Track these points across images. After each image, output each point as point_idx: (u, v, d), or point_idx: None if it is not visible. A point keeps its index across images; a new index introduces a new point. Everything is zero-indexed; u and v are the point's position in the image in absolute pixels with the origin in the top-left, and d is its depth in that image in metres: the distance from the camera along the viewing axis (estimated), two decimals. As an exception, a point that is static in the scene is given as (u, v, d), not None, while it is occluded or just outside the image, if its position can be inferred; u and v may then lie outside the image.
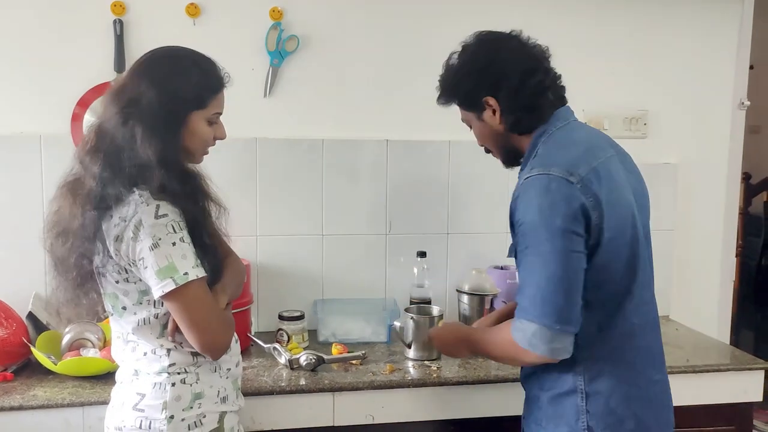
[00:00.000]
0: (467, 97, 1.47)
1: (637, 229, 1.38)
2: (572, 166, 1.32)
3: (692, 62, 2.49)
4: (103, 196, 1.30)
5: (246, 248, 2.11)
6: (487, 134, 1.50)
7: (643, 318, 1.40)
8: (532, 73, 1.41)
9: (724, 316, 2.61)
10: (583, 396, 1.37)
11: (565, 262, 1.29)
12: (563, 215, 1.28)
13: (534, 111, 1.42)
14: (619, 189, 1.36)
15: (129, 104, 1.30)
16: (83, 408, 1.65)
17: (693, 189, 2.52)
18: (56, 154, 2.04)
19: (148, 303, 1.35)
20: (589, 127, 1.52)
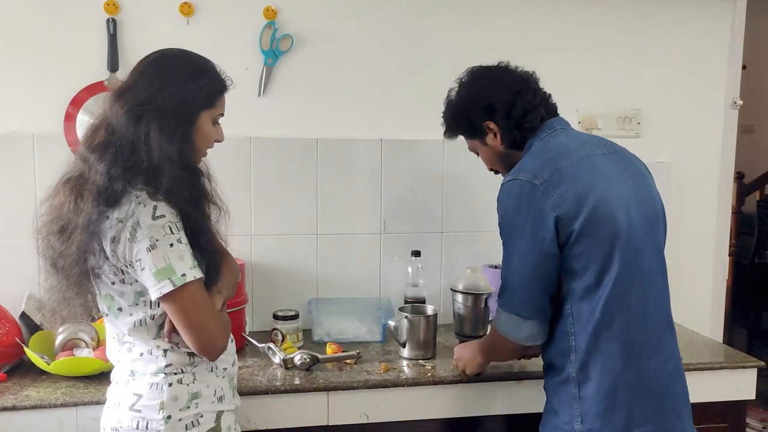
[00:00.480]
0: (470, 125, 1.63)
1: (622, 218, 1.44)
2: (538, 170, 1.46)
3: (685, 62, 2.50)
4: (111, 192, 1.28)
5: (240, 248, 2.11)
6: (493, 156, 1.65)
7: (629, 306, 1.45)
8: (521, 94, 1.57)
9: (717, 314, 2.62)
10: (576, 384, 1.47)
11: (525, 259, 1.47)
12: (525, 216, 1.45)
13: (526, 127, 1.57)
14: (592, 183, 1.45)
15: (143, 102, 1.30)
16: (77, 408, 1.64)
17: (686, 188, 2.53)
18: (49, 153, 2.04)
19: (144, 304, 1.35)
20: (573, 133, 1.61)
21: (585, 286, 1.44)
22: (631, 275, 1.44)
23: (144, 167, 1.30)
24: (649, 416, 1.45)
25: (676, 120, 2.50)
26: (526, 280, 1.47)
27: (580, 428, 1.45)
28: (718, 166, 2.58)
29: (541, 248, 1.44)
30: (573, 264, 1.44)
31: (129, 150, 1.30)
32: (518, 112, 1.55)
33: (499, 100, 1.56)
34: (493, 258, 2.34)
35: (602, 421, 1.44)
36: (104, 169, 1.29)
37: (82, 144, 1.36)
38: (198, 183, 1.40)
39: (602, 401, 1.44)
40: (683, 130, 2.52)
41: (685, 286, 2.53)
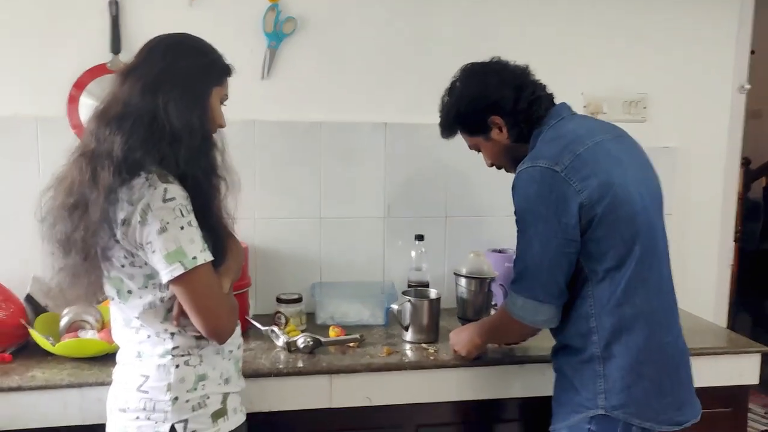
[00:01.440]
0: (473, 123, 1.64)
1: (638, 199, 1.48)
2: (557, 157, 1.47)
3: (692, 46, 2.47)
4: (132, 161, 1.28)
5: (244, 231, 2.09)
6: (497, 151, 1.67)
7: (649, 285, 1.50)
8: (523, 87, 1.59)
9: (721, 300, 2.62)
10: (601, 362, 1.51)
11: (547, 244, 1.47)
12: (547, 201, 1.46)
13: (532, 118, 1.59)
14: (610, 168, 1.48)
15: (160, 72, 1.31)
16: (81, 389, 1.65)
17: (692, 173, 2.51)
18: (52, 136, 2.04)
19: (153, 287, 1.35)
20: (581, 119, 1.63)
21: (606, 268, 1.47)
22: (650, 255, 1.50)
23: (165, 136, 1.30)
24: (667, 389, 1.51)
25: (682, 104, 2.49)
26: (547, 266, 1.49)
27: (604, 404, 1.49)
28: (724, 151, 2.56)
29: (565, 235, 1.45)
30: (593, 248, 1.47)
31: (148, 120, 1.29)
32: (523, 105, 1.57)
33: (503, 96, 1.58)
34: (497, 243, 2.34)
35: (626, 396, 1.48)
36: (123, 139, 1.28)
37: (94, 121, 1.34)
38: (212, 155, 1.40)
39: (626, 376, 1.48)
40: (690, 115, 2.50)
41: (689, 271, 2.53)
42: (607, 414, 1.49)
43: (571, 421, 1.55)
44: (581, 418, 1.52)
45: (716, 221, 2.58)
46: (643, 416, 1.49)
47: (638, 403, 1.49)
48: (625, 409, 1.49)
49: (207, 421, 1.38)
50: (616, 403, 1.49)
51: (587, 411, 1.52)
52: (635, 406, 1.49)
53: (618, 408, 1.49)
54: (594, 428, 1.51)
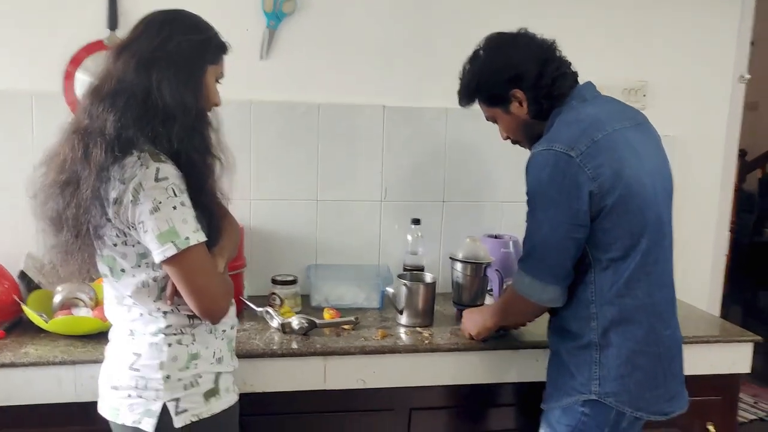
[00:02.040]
0: (494, 94, 1.61)
1: (651, 192, 1.49)
2: (573, 141, 1.45)
3: (694, 35, 2.46)
4: (124, 139, 1.27)
5: (240, 212, 2.08)
6: (515, 125, 1.64)
7: (653, 278, 1.50)
8: (548, 62, 1.56)
9: (715, 290, 2.63)
10: (598, 348, 1.52)
11: (556, 228, 1.47)
12: (559, 187, 1.45)
13: (554, 96, 1.56)
14: (626, 158, 1.47)
15: (154, 50, 1.30)
16: (75, 366, 1.65)
17: (690, 162, 2.51)
18: (48, 112, 2.02)
19: (146, 266, 1.34)
20: (604, 101, 1.60)
21: (610, 258, 1.48)
22: (656, 249, 1.50)
23: (158, 113, 1.28)
24: (660, 381, 1.53)
25: (682, 93, 2.48)
26: (555, 249, 1.49)
27: (597, 390, 1.51)
28: (722, 141, 2.56)
29: (574, 220, 1.45)
30: (600, 237, 1.47)
31: (142, 97, 1.28)
32: (547, 81, 1.55)
33: (527, 69, 1.55)
34: (493, 228, 2.35)
35: (620, 384, 1.50)
36: (116, 117, 1.27)
37: (87, 97, 1.33)
38: (207, 134, 1.39)
39: (622, 366, 1.50)
40: (689, 104, 2.49)
41: (684, 260, 2.51)
42: (599, 400, 1.51)
43: (564, 402, 1.56)
44: (574, 401, 1.54)
45: (712, 211, 2.58)
46: (635, 405, 1.51)
47: (630, 392, 1.50)
48: (617, 397, 1.50)
49: (199, 400, 1.38)
50: (609, 390, 1.51)
51: (580, 395, 1.53)
52: (627, 395, 1.50)
53: (611, 395, 1.50)
54: (587, 412, 1.52)
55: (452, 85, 1.67)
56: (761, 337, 2.00)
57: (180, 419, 1.35)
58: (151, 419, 1.35)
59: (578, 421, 1.53)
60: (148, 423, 1.35)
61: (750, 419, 3.46)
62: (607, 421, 1.52)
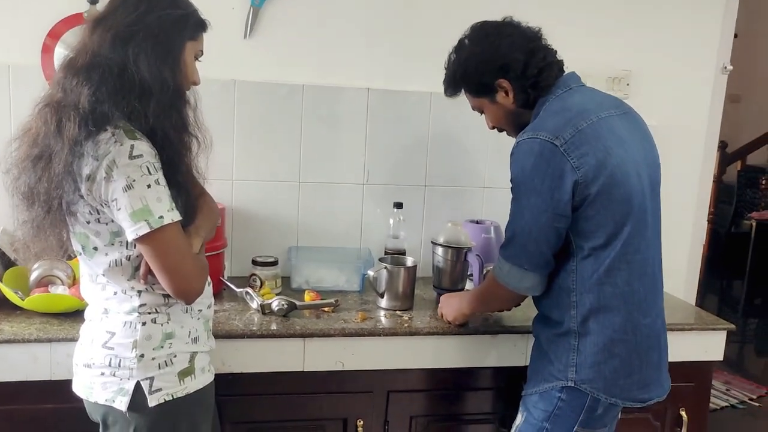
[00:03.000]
0: (480, 84, 1.60)
1: (635, 181, 1.49)
2: (558, 130, 1.45)
3: (678, 25, 2.47)
4: (99, 114, 1.24)
5: (221, 192, 2.09)
6: (501, 115, 1.63)
7: (633, 267, 1.51)
8: (534, 51, 1.55)
9: (691, 279, 2.67)
10: (576, 336, 1.54)
11: (538, 217, 1.48)
12: (542, 176, 1.45)
13: (540, 85, 1.55)
14: (612, 146, 1.47)
15: (131, 24, 1.27)
16: (51, 344, 1.64)
17: (670, 152, 2.49)
18: (25, 85, 1.98)
19: (120, 244, 1.32)
20: (589, 91, 1.60)
21: (592, 246, 1.49)
22: (637, 238, 1.50)
23: (134, 88, 1.26)
24: (635, 368, 1.54)
25: (665, 83, 2.49)
26: (535, 237, 1.49)
27: (573, 377, 1.53)
28: (703, 132, 2.58)
29: (556, 210, 1.46)
30: (583, 225, 1.48)
31: (118, 71, 1.26)
32: (533, 71, 1.54)
33: (513, 59, 1.54)
34: (475, 213, 2.35)
35: (595, 371, 1.52)
36: (90, 91, 1.24)
37: (61, 71, 1.31)
38: (184, 111, 1.37)
39: (598, 353, 1.51)
40: (672, 94, 2.50)
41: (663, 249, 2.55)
42: (576, 386, 1.53)
43: (542, 388, 1.58)
44: (551, 387, 1.56)
45: (691, 201, 2.61)
46: (609, 392, 1.53)
47: (606, 379, 1.52)
48: (592, 384, 1.52)
49: (173, 379, 1.38)
50: (585, 377, 1.52)
51: (557, 381, 1.55)
52: (603, 382, 1.52)
53: (586, 382, 1.52)
54: (564, 398, 1.54)
55: (437, 69, 1.66)
56: (734, 326, 2.03)
57: (154, 398, 1.35)
58: (124, 398, 1.34)
59: (554, 406, 1.55)
60: (121, 402, 1.35)
61: (722, 406, 3.53)
62: (582, 406, 1.53)
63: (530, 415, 1.60)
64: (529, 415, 1.61)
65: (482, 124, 1.72)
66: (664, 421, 2.04)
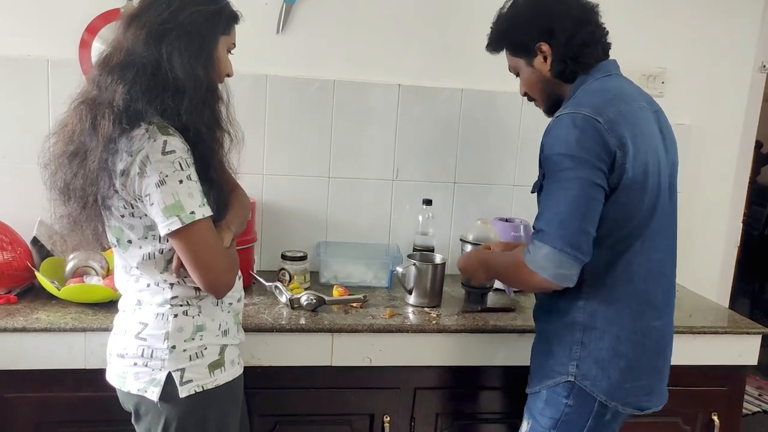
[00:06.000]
0: (521, 42, 1.54)
1: (661, 178, 1.45)
2: (600, 108, 1.39)
3: (715, 22, 2.42)
4: (133, 112, 1.26)
5: (252, 186, 2.10)
6: (535, 81, 1.56)
7: (651, 265, 1.46)
8: (585, 23, 1.49)
9: (725, 281, 2.62)
10: (581, 329, 1.47)
11: (587, 190, 1.36)
12: (589, 148, 1.37)
13: (580, 60, 1.49)
14: (645, 136, 1.42)
15: (164, 21, 1.28)
16: (85, 333, 1.67)
17: (705, 152, 2.49)
18: (63, 79, 2.02)
19: (153, 238, 1.34)
20: (627, 82, 1.54)
21: (614, 235, 1.42)
22: (660, 236, 1.46)
23: (168, 86, 1.28)
24: (642, 373, 1.48)
25: (701, 81, 2.45)
26: (582, 214, 1.36)
27: (574, 372, 1.46)
28: (739, 132, 2.53)
29: (602, 182, 1.37)
30: (613, 211, 1.40)
31: (152, 69, 1.27)
32: (577, 42, 1.48)
33: (561, 26, 1.47)
34: (504, 211, 2.34)
35: (598, 369, 1.45)
36: (125, 89, 1.26)
37: (97, 67, 1.33)
38: (217, 107, 1.38)
39: (603, 350, 1.45)
40: (707, 93, 2.46)
41: (695, 250, 2.52)
42: (576, 383, 1.46)
43: (545, 384, 1.52)
44: (554, 384, 1.49)
45: (726, 202, 2.56)
46: (610, 394, 1.45)
47: (609, 380, 1.45)
48: (594, 382, 1.45)
49: (204, 371, 1.39)
50: (587, 373, 1.45)
51: (559, 377, 1.49)
52: (606, 382, 1.45)
53: (588, 379, 1.45)
54: (571, 403, 1.48)
55: (468, 66, 1.66)
56: (768, 330, 1.99)
57: (184, 389, 1.37)
58: (156, 388, 1.36)
59: (561, 413, 1.48)
60: (153, 392, 1.37)
61: (753, 411, 3.47)
62: (590, 412, 1.47)
63: (536, 422, 1.54)
64: (535, 422, 1.54)
65: (512, 121, 1.71)
66: (695, 425, 2.00)
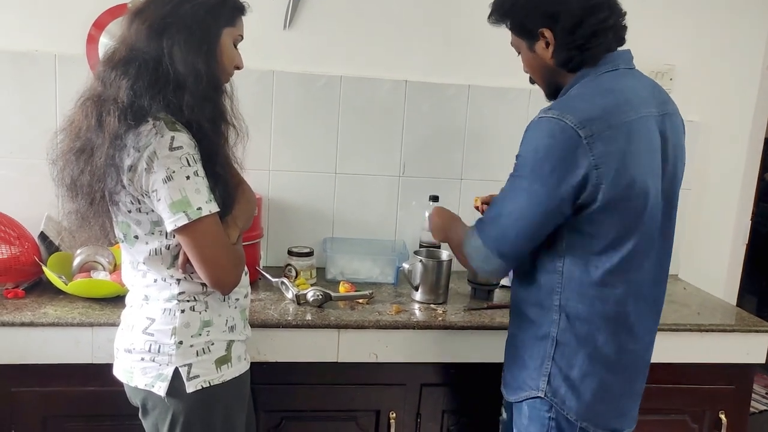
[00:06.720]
0: (523, 24, 1.41)
1: (653, 198, 1.35)
2: (589, 119, 1.28)
3: (724, 20, 2.41)
4: (137, 107, 1.26)
5: (258, 182, 2.10)
6: (535, 66, 1.44)
7: (629, 286, 1.38)
8: (596, 10, 1.35)
9: (732, 279, 2.61)
10: (554, 344, 1.40)
11: (533, 207, 1.32)
12: (553, 164, 1.28)
13: (586, 51, 1.36)
14: (640, 153, 1.31)
15: (165, 16, 1.28)
16: (92, 328, 1.67)
17: (713, 149, 2.47)
18: (71, 74, 2.02)
19: (160, 234, 1.34)
20: (638, 78, 1.41)
21: (589, 251, 1.35)
22: (641, 257, 1.37)
23: (169, 81, 1.27)
24: (615, 395, 1.42)
25: (709, 78, 2.43)
26: (521, 227, 1.34)
27: (545, 388, 1.41)
28: (748, 129, 2.51)
29: (555, 206, 1.30)
30: (586, 227, 1.33)
31: (153, 65, 1.27)
32: (584, 32, 1.34)
33: (567, 12, 1.33)
34: (511, 208, 2.33)
35: (569, 387, 1.39)
36: (128, 84, 1.26)
37: (101, 64, 1.33)
38: (220, 101, 1.37)
39: (575, 368, 1.39)
40: (716, 90, 2.45)
41: (703, 248, 2.51)
42: (547, 399, 1.41)
43: (520, 396, 1.47)
44: (528, 398, 1.45)
45: (734, 199, 2.55)
46: (581, 415, 1.40)
47: (580, 400, 1.39)
48: (564, 400, 1.40)
49: (210, 366, 1.39)
50: (557, 391, 1.40)
51: (530, 390, 1.43)
52: (576, 402, 1.39)
53: (557, 397, 1.40)
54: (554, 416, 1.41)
55: (475, 62, 1.65)
56: (778, 328, 1.98)
57: (191, 384, 1.37)
58: (163, 383, 1.37)
59: (547, 426, 1.42)
60: (160, 387, 1.37)
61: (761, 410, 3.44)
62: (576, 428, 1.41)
63: None
64: None
65: (518, 116, 1.69)
66: (703, 423, 2.00)
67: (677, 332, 1.91)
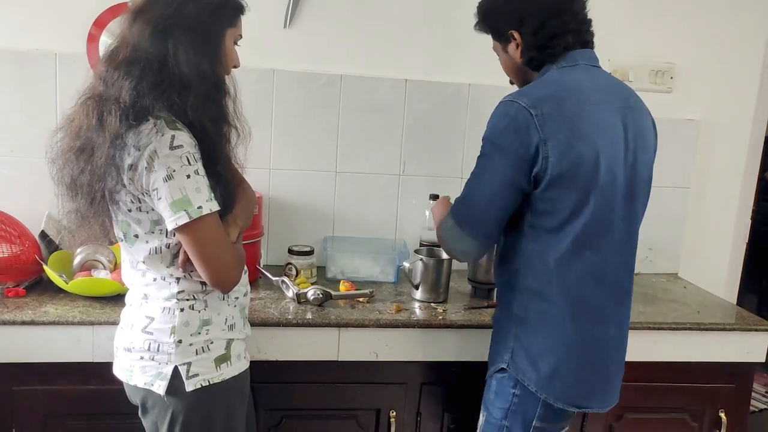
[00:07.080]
0: (496, 27, 1.54)
1: (607, 178, 1.41)
2: (539, 101, 1.39)
3: (724, 19, 2.40)
4: (139, 108, 1.26)
5: (258, 181, 2.10)
6: (510, 66, 1.57)
7: (585, 266, 1.43)
8: (557, 14, 1.46)
9: (733, 277, 2.61)
10: (518, 322, 1.49)
11: (497, 178, 1.42)
12: (510, 139, 1.39)
13: (547, 51, 1.47)
14: (589, 135, 1.39)
15: (169, 16, 1.27)
16: (93, 327, 1.68)
17: (713, 148, 2.47)
18: (71, 73, 2.02)
19: (160, 232, 1.35)
20: (596, 74, 1.49)
21: (544, 228, 1.43)
22: (597, 238, 1.43)
23: (174, 82, 1.27)
24: (576, 376, 1.46)
25: (710, 77, 2.43)
26: (487, 201, 1.44)
27: (508, 359, 1.49)
28: (749, 128, 2.51)
29: (514, 179, 1.40)
30: (540, 204, 1.42)
31: (157, 65, 1.27)
32: (546, 34, 1.46)
33: (530, 15, 1.46)
34: (512, 207, 2.33)
35: (529, 362, 1.46)
36: (131, 85, 1.26)
37: (103, 64, 1.32)
38: (223, 102, 1.37)
39: (534, 345, 1.46)
40: (716, 88, 2.44)
41: (703, 247, 2.52)
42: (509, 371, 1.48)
43: (491, 372, 1.56)
44: (495, 371, 1.53)
45: (734, 198, 2.54)
46: (542, 387, 1.46)
47: (539, 374, 1.45)
48: (525, 373, 1.46)
49: (210, 365, 1.40)
50: (519, 364, 1.47)
51: (496, 363, 1.53)
52: (535, 375, 1.45)
53: (518, 368, 1.47)
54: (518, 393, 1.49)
55: (475, 61, 1.65)
56: (778, 327, 1.98)
57: (191, 383, 1.37)
58: (162, 382, 1.37)
59: (510, 402, 1.50)
60: (159, 385, 1.37)
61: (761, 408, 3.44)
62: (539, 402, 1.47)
63: (490, 414, 1.56)
64: (489, 414, 1.56)
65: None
66: (702, 421, 2.00)
67: (677, 331, 1.91)
